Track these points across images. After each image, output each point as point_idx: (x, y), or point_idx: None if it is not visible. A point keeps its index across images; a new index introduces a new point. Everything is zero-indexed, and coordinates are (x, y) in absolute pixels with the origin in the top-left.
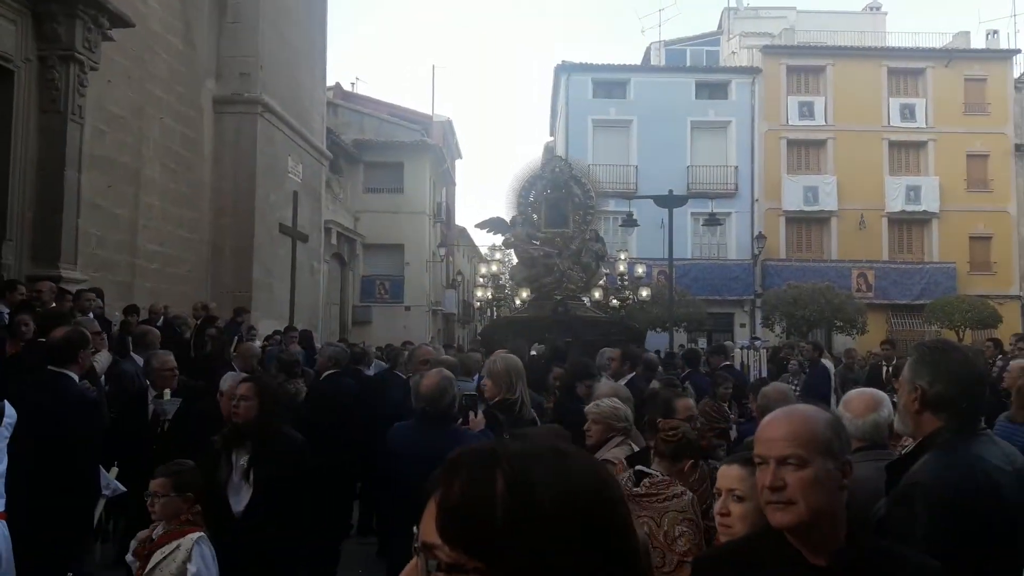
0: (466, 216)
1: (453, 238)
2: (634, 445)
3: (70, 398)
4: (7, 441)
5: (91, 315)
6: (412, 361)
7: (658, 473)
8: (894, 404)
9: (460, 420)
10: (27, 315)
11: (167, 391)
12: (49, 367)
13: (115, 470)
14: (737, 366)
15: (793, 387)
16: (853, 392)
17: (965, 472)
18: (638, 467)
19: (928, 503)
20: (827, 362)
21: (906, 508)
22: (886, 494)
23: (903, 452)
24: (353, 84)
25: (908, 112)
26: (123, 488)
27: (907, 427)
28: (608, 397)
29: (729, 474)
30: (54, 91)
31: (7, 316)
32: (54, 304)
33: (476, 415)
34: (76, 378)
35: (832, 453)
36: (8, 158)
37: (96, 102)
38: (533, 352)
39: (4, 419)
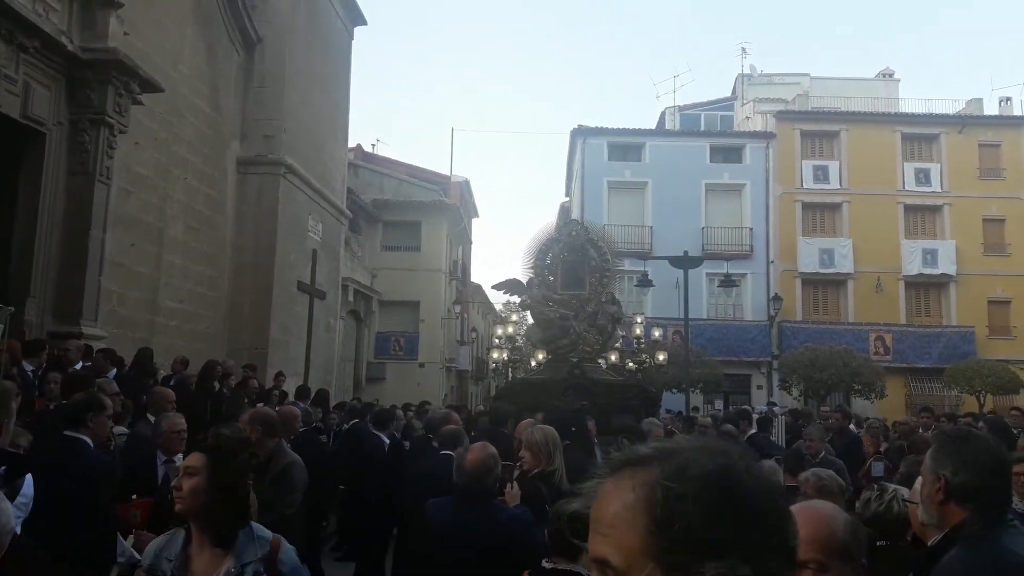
0: (482, 273)
1: (468, 295)
2: None
3: (82, 463)
4: (21, 520)
5: (112, 374)
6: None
7: None
8: None
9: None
10: (57, 373)
11: (179, 456)
12: (65, 432)
13: (131, 538)
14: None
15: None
16: None
17: (995, 569)
18: None
19: None
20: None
21: None
22: None
23: (930, 544)
24: (374, 145)
25: (923, 176)
26: (139, 556)
27: (931, 518)
28: None
29: None
30: (83, 153)
31: (32, 374)
32: (81, 363)
33: (512, 487)
34: (90, 443)
35: (850, 556)
36: (36, 218)
37: (123, 163)
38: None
39: (19, 497)
